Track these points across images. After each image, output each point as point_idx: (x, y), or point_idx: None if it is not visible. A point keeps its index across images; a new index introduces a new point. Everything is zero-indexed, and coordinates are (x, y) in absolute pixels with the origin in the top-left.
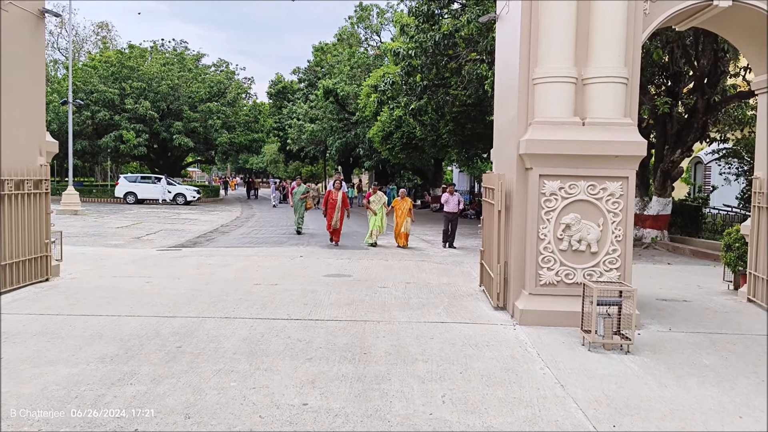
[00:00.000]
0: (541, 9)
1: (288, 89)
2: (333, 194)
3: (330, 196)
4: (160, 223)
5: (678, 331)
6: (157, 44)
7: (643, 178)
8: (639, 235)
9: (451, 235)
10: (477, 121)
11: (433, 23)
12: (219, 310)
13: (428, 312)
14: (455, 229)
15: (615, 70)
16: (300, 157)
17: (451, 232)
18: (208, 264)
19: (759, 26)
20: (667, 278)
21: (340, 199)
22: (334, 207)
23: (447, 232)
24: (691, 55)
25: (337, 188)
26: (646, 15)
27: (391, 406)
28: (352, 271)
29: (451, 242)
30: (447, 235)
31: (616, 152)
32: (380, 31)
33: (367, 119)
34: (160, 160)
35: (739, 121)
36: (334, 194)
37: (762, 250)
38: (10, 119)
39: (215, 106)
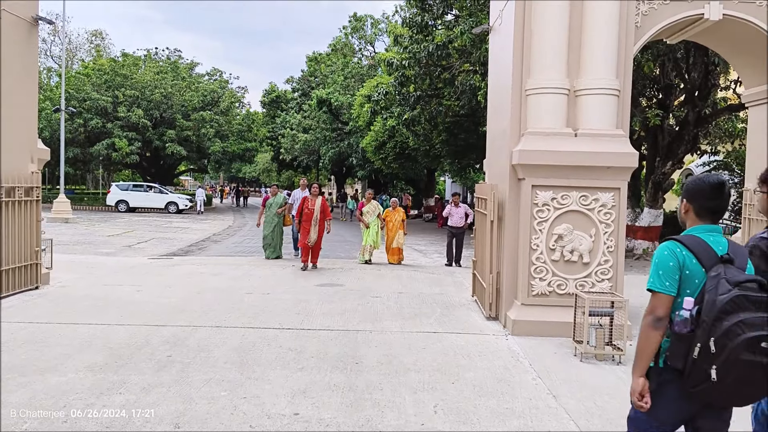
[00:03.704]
0: (534, 21)
1: (281, 98)
2: (309, 202)
3: (305, 204)
4: (152, 231)
5: None
6: (151, 53)
7: (634, 189)
8: (630, 246)
9: (457, 252)
10: (470, 131)
11: (427, 34)
12: (210, 319)
13: (421, 322)
14: (461, 246)
15: (607, 82)
16: (293, 167)
17: (457, 248)
18: (200, 273)
19: (749, 40)
20: None
21: (319, 209)
22: (310, 219)
23: (451, 249)
24: (682, 68)
25: (315, 194)
26: (638, 28)
27: (383, 416)
28: (345, 281)
29: (457, 260)
30: (451, 253)
31: (608, 163)
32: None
33: (361, 129)
34: (153, 168)
35: (729, 134)
36: (310, 202)
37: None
38: (2, 126)
39: (208, 115)
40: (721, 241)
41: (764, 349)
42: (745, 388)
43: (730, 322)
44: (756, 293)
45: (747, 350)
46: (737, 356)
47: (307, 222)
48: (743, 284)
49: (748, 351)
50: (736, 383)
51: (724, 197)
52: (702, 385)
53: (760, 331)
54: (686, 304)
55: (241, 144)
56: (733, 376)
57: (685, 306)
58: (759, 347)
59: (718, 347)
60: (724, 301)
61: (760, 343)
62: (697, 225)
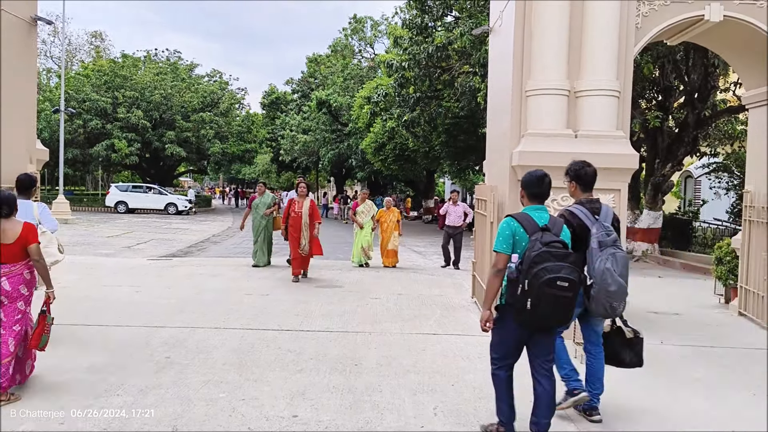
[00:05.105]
0: (534, 22)
1: (281, 100)
2: (296, 204)
3: (292, 207)
4: (151, 232)
5: (669, 343)
6: (151, 54)
7: (634, 191)
8: (630, 248)
9: (456, 253)
10: (469, 133)
11: (427, 36)
12: (209, 320)
13: (420, 323)
14: (460, 247)
15: (607, 83)
16: (293, 168)
17: (455, 249)
18: (199, 274)
19: (750, 41)
20: (658, 291)
21: (307, 211)
22: (297, 224)
23: (447, 249)
24: (682, 69)
25: (303, 195)
26: (638, 29)
27: (382, 418)
28: (344, 282)
29: (455, 261)
30: (447, 253)
31: (608, 165)
32: (374, 43)
33: (360, 130)
34: (152, 169)
35: (729, 136)
36: (297, 204)
37: (753, 263)
38: (1, 126)
39: (208, 116)
40: (544, 216)
41: (559, 285)
42: (552, 314)
43: (537, 269)
44: (557, 250)
45: (548, 287)
46: (543, 291)
47: (295, 229)
48: (550, 244)
49: (549, 287)
50: (544, 309)
51: (544, 186)
52: (524, 313)
53: (556, 273)
54: (514, 259)
55: (240, 145)
56: (542, 305)
57: (513, 260)
58: (556, 284)
59: (531, 286)
60: (533, 255)
61: (556, 282)
62: (529, 206)
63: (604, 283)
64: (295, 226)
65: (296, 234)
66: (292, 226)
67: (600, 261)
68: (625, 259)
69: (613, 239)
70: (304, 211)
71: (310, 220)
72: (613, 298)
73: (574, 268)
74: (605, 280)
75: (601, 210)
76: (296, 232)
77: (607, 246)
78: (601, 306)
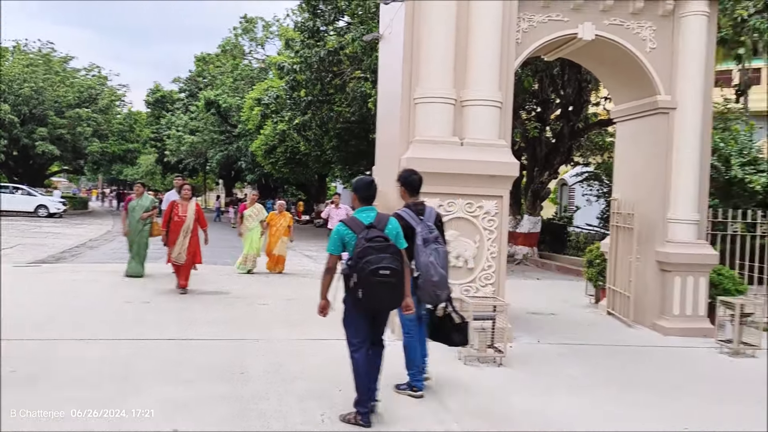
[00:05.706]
0: (422, 31)
1: (167, 99)
2: (179, 207)
3: (174, 211)
4: (18, 237)
5: (546, 342)
6: (20, 44)
7: (515, 197)
8: (511, 252)
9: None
10: (360, 138)
11: (318, 39)
12: (82, 331)
13: (309, 329)
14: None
15: (490, 94)
16: (179, 169)
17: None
18: (72, 280)
19: (618, 60)
20: (537, 292)
21: (193, 216)
22: (178, 228)
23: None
24: (558, 84)
25: (186, 198)
26: (519, 44)
27: (268, 426)
28: (231, 288)
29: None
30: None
31: (492, 172)
32: (265, 44)
33: (250, 132)
34: (20, 168)
35: (599, 147)
36: (180, 208)
37: (619, 266)
38: None
39: (85, 113)
40: (371, 215)
41: (382, 274)
42: (381, 299)
43: (362, 262)
44: (379, 243)
45: (373, 276)
46: (369, 280)
47: (175, 233)
48: (372, 239)
49: (373, 276)
50: (373, 296)
51: (372, 190)
52: (359, 302)
53: (378, 264)
54: (344, 257)
55: (122, 144)
56: (371, 293)
57: (344, 258)
58: (379, 273)
59: (359, 278)
60: (358, 250)
61: (378, 271)
62: (359, 207)
63: (428, 274)
64: (175, 233)
65: (176, 238)
66: (173, 231)
67: (424, 255)
68: (446, 253)
69: (435, 236)
70: (189, 216)
71: (194, 225)
72: (436, 286)
73: (394, 258)
74: (429, 271)
75: (425, 211)
76: (176, 236)
77: (430, 242)
78: (427, 294)
